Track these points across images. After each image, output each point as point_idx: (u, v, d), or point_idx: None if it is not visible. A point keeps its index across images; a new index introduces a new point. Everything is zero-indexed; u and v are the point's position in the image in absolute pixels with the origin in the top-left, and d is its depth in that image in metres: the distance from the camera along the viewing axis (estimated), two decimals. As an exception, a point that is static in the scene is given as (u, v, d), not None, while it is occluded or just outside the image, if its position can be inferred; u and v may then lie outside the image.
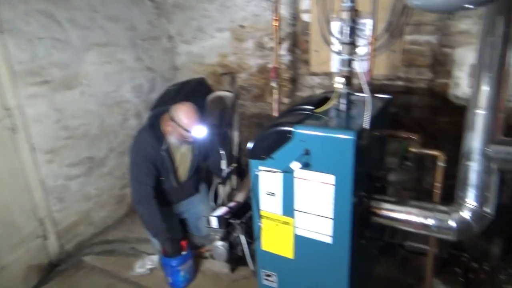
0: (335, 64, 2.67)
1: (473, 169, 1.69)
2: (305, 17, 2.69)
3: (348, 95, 1.79)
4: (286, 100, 2.96)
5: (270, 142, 1.68)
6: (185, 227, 2.99)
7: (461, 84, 2.35)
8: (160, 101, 3.52)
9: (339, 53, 2.53)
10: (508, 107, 2.27)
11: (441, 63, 2.36)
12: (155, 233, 2.55)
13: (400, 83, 2.53)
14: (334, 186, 1.60)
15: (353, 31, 1.70)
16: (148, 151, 2.48)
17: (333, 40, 2.55)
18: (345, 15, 1.67)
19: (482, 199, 1.67)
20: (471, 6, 1.67)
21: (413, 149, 1.90)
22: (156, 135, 2.49)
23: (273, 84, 2.52)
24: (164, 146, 2.48)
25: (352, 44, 1.71)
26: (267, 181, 1.77)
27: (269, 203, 1.81)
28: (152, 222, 2.53)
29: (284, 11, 2.68)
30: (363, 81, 1.68)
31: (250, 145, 1.76)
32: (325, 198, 1.64)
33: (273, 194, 1.77)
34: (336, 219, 1.65)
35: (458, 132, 2.46)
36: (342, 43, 1.72)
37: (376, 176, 1.81)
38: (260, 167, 1.75)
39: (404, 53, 2.45)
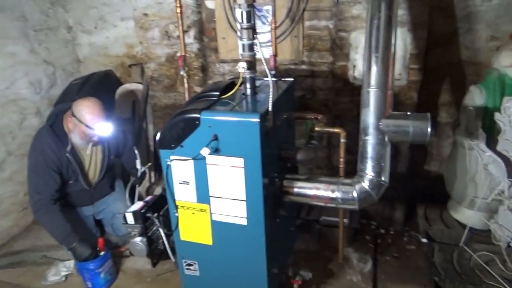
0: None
1: (369, 142, 1.84)
2: (209, 4, 2.67)
3: (252, 79, 1.82)
4: (198, 89, 2.93)
5: (178, 130, 1.66)
6: (102, 228, 2.85)
7: (357, 65, 2.53)
8: (62, 97, 3.27)
9: (241, 38, 2.58)
10: (397, 85, 2.51)
11: (339, 47, 2.52)
12: (61, 239, 2.37)
13: (304, 67, 2.65)
14: (244, 169, 1.63)
15: (250, 15, 1.73)
16: (48, 155, 2.26)
17: (238, 26, 2.57)
18: (242, 0, 1.69)
19: (378, 169, 1.83)
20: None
21: (317, 128, 2.01)
22: (58, 136, 2.28)
23: (182, 73, 2.48)
24: (68, 148, 2.29)
25: (251, 29, 1.74)
26: (180, 170, 1.75)
27: (183, 192, 1.79)
28: (56, 229, 2.35)
29: (187, -3, 2.64)
30: (265, 65, 1.73)
31: (158, 135, 1.72)
32: (237, 181, 1.67)
33: (186, 182, 1.76)
34: (249, 201, 1.69)
35: (358, 111, 2.67)
36: (242, 28, 1.74)
37: (285, 157, 1.89)
38: (171, 157, 1.72)
39: (305, 38, 2.57)
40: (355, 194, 1.82)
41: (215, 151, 1.63)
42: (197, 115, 1.61)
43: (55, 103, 3.25)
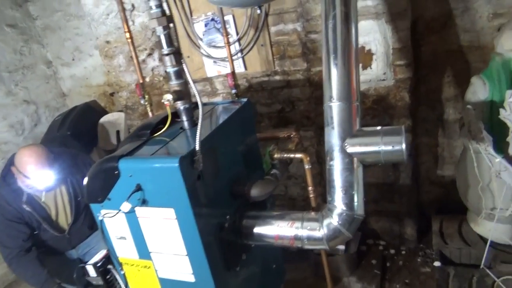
0: (210, 69, 2.45)
1: (335, 168, 1.52)
2: (168, 22, 2.45)
3: (187, 110, 1.57)
4: (173, 113, 2.72)
5: (100, 182, 1.44)
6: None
7: (336, 69, 2.20)
8: (45, 136, 3.18)
9: (208, 56, 2.33)
10: (384, 86, 2.14)
11: (312, 51, 2.20)
12: (40, 287, 2.25)
13: (278, 77, 2.35)
14: (176, 220, 1.38)
15: (169, 39, 1.48)
16: (5, 208, 2.11)
17: (200, 43, 2.33)
18: (156, 22, 1.44)
19: (348, 200, 1.50)
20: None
21: (276, 155, 1.71)
22: (12, 187, 2.13)
23: (143, 102, 2.27)
24: (24, 198, 2.14)
25: (174, 54, 1.49)
26: (114, 224, 1.53)
27: (123, 248, 1.57)
28: (31, 278, 2.23)
29: (143, 18, 2.43)
30: (194, 89, 1.47)
31: (84, 185, 1.51)
32: (172, 235, 1.42)
33: (124, 238, 1.54)
34: (191, 255, 1.44)
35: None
36: (163, 54, 1.50)
37: (238, 194, 1.62)
38: (102, 211, 1.51)
39: (273, 45, 2.28)
40: (322, 232, 1.51)
41: (143, 202, 1.40)
42: (115, 164, 1.38)
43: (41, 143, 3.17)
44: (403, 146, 1.43)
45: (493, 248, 2.12)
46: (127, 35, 2.17)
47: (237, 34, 2.27)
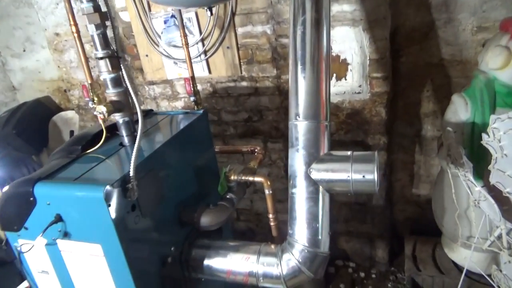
0: (170, 70, 2.21)
1: (298, 196, 1.33)
2: (124, 16, 2.19)
3: (127, 124, 1.34)
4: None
5: (15, 208, 1.20)
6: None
7: (307, 78, 2.00)
8: (-12, 135, 2.87)
9: (168, 56, 2.08)
10: (359, 99, 1.95)
11: (282, 57, 1.99)
12: None
13: (245, 83, 2.14)
14: (105, 258, 1.15)
15: (105, 40, 1.25)
16: None
17: (160, 41, 2.09)
18: (86, 19, 1.20)
19: (311, 234, 1.31)
20: None
21: (233, 177, 1.50)
22: None
23: (91, 105, 2.00)
24: None
25: (110, 58, 1.25)
26: (35, 257, 1.28)
27: (46, 284, 1.32)
28: None
29: (98, 11, 2.16)
30: (134, 98, 1.25)
31: (-1, 211, 1.25)
32: (101, 273, 1.19)
33: (46, 272, 1.30)
34: (123, 298, 1.21)
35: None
36: (96, 58, 1.26)
37: (188, 221, 1.40)
38: (19, 241, 1.26)
39: (240, 48, 2.06)
40: (279, 270, 1.31)
41: (65, 235, 1.16)
42: (29, 189, 1.14)
43: (-16, 141, 2.85)
44: (375, 176, 1.25)
45: (467, 278, 1.98)
46: (73, 28, 1.90)
47: (201, 33, 2.03)
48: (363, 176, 1.26)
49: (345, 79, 1.93)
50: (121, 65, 1.28)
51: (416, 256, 2.24)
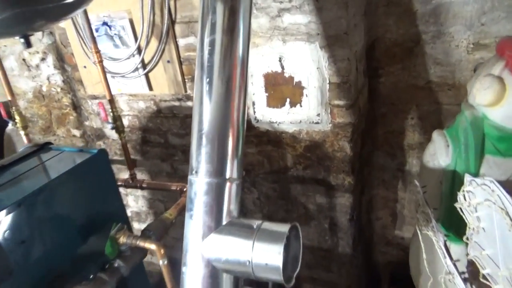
0: (110, 85, 1.92)
1: (188, 279, 1.01)
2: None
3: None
4: (77, 132, 2.20)
5: None
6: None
7: (258, 102, 1.66)
8: None
9: (105, 69, 1.79)
10: (318, 130, 1.57)
11: (229, 75, 1.66)
12: None
13: (190, 103, 1.82)
14: None
15: None
16: None
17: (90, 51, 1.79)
18: None
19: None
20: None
21: (123, 239, 1.19)
22: None
23: (11, 126, 1.75)
24: None
25: None
26: None
27: None
28: None
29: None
30: None
31: None
32: None
33: None
34: None
35: (271, 165, 1.80)
36: None
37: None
38: None
39: (183, 62, 1.73)
40: None
41: None
42: None
43: None
44: (280, 263, 0.91)
45: None
46: (-14, 37, 1.64)
47: (138, 43, 1.72)
48: (266, 264, 0.92)
49: (300, 106, 1.57)
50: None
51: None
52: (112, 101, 1.53)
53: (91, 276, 1.11)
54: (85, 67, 1.94)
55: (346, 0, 1.35)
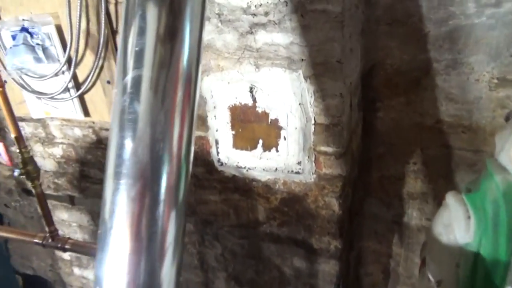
0: (35, 106, 1.51)
1: None
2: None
3: None
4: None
5: None
6: None
7: (222, 140, 1.28)
8: None
9: (24, 86, 1.39)
10: (299, 181, 1.20)
11: (185, 104, 1.28)
12: None
13: (139, 135, 1.43)
14: None
15: None
16: None
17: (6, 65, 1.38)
18: None
19: None
20: None
21: None
22: None
23: None
24: None
25: None
26: None
27: None
28: None
29: None
30: None
31: None
32: None
33: None
34: None
35: (237, 216, 1.43)
36: None
37: None
38: None
39: (127, 85, 1.34)
40: None
41: None
42: None
43: None
44: None
45: None
46: None
47: (66, 55, 1.32)
48: None
49: (277, 150, 1.20)
50: None
51: None
52: (19, 138, 1.12)
53: None
54: (5, 81, 1.52)
55: (341, 18, 0.99)
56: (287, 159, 1.20)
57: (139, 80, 0.61)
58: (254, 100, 1.16)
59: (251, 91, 1.15)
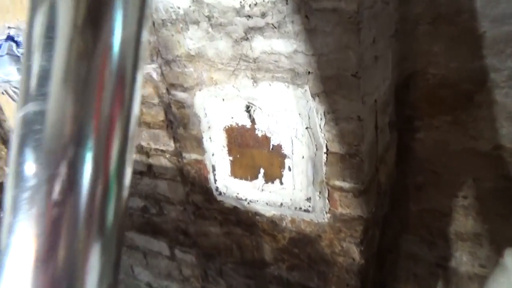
0: None
1: None
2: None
3: None
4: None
5: None
6: None
7: (219, 164, 1.08)
8: None
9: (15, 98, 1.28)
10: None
11: (180, 122, 1.09)
12: None
13: (135, 156, 1.27)
14: None
15: None
16: None
17: (-3, 77, 1.28)
18: None
19: None
20: None
21: None
22: None
23: None
24: None
25: None
26: None
27: None
28: None
29: None
30: None
31: None
32: None
33: None
34: None
35: (244, 255, 1.21)
36: None
37: None
38: None
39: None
40: None
41: None
42: None
43: None
44: None
45: None
46: None
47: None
48: None
49: (281, 182, 0.98)
50: None
51: None
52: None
53: None
54: (3, 93, 1.43)
55: (358, 18, 0.74)
56: (294, 194, 0.97)
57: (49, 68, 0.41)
58: (253, 121, 0.95)
59: (248, 110, 0.94)
